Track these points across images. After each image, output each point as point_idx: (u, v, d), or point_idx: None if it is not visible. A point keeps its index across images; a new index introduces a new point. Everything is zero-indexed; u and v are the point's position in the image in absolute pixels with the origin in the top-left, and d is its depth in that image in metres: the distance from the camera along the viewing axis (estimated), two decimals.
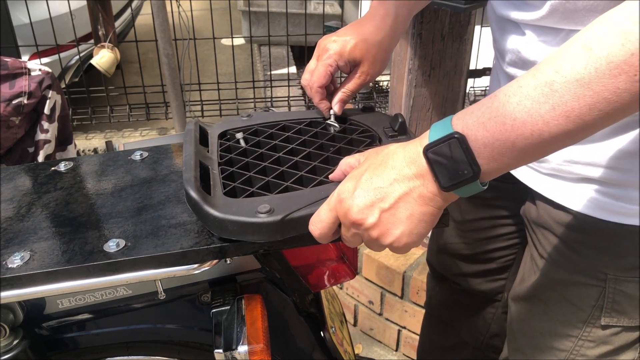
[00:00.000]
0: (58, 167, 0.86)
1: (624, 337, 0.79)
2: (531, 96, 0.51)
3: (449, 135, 0.55)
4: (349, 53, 0.83)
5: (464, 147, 0.55)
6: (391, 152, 0.61)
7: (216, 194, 0.71)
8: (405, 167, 0.59)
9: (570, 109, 0.50)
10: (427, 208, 0.59)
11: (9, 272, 0.64)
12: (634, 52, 0.46)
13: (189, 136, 0.81)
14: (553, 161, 0.75)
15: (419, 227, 0.60)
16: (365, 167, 0.62)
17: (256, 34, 3.54)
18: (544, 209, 0.81)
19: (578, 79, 0.49)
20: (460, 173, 0.55)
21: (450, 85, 1.72)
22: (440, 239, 1.12)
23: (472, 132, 0.55)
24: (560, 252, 0.79)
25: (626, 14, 0.47)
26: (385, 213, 0.60)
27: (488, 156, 0.55)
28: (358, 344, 1.93)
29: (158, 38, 2.48)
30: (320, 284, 0.89)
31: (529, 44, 0.72)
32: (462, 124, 0.56)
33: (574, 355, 0.82)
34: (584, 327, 0.80)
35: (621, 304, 0.77)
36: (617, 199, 0.71)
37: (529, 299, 0.87)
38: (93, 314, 0.83)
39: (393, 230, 0.60)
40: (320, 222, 0.64)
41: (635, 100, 0.48)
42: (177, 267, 0.68)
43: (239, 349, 0.74)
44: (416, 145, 0.59)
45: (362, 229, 0.62)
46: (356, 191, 0.60)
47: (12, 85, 1.47)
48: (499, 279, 1.07)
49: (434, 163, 0.56)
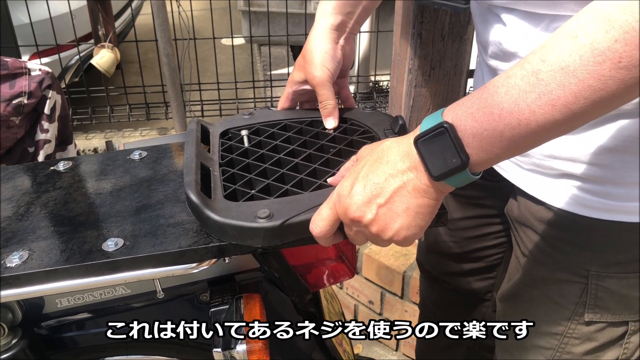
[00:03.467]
0: (57, 166, 0.86)
1: (608, 333, 0.79)
2: (518, 85, 0.51)
3: (437, 125, 0.56)
4: (298, 70, 0.88)
5: (453, 136, 0.55)
6: (386, 147, 0.62)
7: (216, 197, 0.71)
8: (400, 161, 0.59)
9: (556, 98, 0.49)
10: (422, 200, 0.59)
11: (7, 271, 0.64)
12: (618, 39, 0.46)
13: (191, 136, 0.81)
14: (534, 156, 0.75)
15: (417, 220, 0.61)
16: (362, 164, 0.63)
17: (256, 34, 3.54)
18: (525, 205, 0.81)
19: (563, 67, 0.49)
20: (449, 162, 0.56)
21: (450, 85, 1.72)
22: (429, 238, 1.12)
23: (462, 122, 0.55)
24: (541, 250, 0.79)
25: (611, 1, 0.47)
26: (382, 208, 0.60)
27: (477, 146, 0.55)
28: (358, 343, 1.93)
29: (158, 38, 2.48)
30: (319, 283, 0.89)
31: (510, 35, 0.72)
32: (452, 114, 0.56)
33: (559, 352, 0.82)
34: (569, 324, 0.80)
35: (604, 300, 0.77)
36: (597, 195, 0.71)
37: (513, 298, 0.87)
38: (92, 313, 0.83)
39: (391, 225, 0.61)
40: (321, 221, 0.64)
41: (620, 89, 0.48)
42: (175, 266, 0.68)
43: (238, 348, 0.74)
44: (409, 139, 0.59)
45: (362, 226, 0.62)
46: (353, 189, 0.61)
47: (12, 85, 1.47)
48: (488, 277, 1.08)
49: (423, 152, 0.57)
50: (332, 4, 0.85)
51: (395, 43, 1.69)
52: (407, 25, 1.59)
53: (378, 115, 0.88)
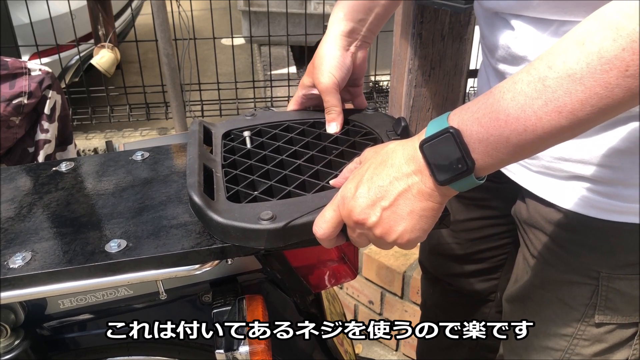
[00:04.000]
0: (59, 167, 0.86)
1: (618, 335, 0.79)
2: (524, 92, 0.51)
3: (443, 130, 0.56)
4: (307, 76, 0.87)
5: (459, 142, 0.55)
6: (390, 150, 0.62)
7: (219, 199, 0.71)
8: (404, 164, 0.59)
9: (563, 105, 0.50)
10: (427, 204, 0.60)
11: (10, 273, 0.64)
12: (625, 47, 0.46)
13: (193, 137, 0.81)
14: (543, 158, 0.75)
15: (420, 223, 0.61)
16: (366, 166, 0.63)
17: (256, 34, 3.54)
18: (534, 207, 0.81)
19: (570, 74, 0.49)
20: (455, 167, 0.56)
21: (450, 85, 1.72)
22: (432, 239, 1.12)
23: (467, 127, 0.55)
24: (551, 252, 0.79)
25: (619, 8, 0.47)
26: (386, 211, 0.60)
27: (483, 151, 0.55)
28: (358, 343, 1.93)
29: (158, 38, 2.48)
30: (321, 284, 0.90)
31: (519, 39, 0.72)
32: (458, 119, 0.56)
33: (569, 354, 0.82)
34: (578, 325, 0.80)
35: (614, 302, 0.77)
36: (608, 196, 0.71)
37: (522, 300, 0.87)
38: (94, 314, 0.83)
39: (395, 228, 0.61)
40: (324, 223, 0.64)
41: (627, 96, 0.48)
42: (178, 268, 0.68)
43: (240, 349, 0.74)
44: (414, 142, 0.59)
45: (366, 228, 0.62)
46: (358, 191, 0.61)
47: (12, 85, 1.47)
48: (492, 278, 1.08)
49: (429, 157, 0.57)
50: (343, 11, 0.84)
51: (395, 43, 1.69)
52: (407, 25, 1.59)
53: (380, 116, 0.88)
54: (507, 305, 0.91)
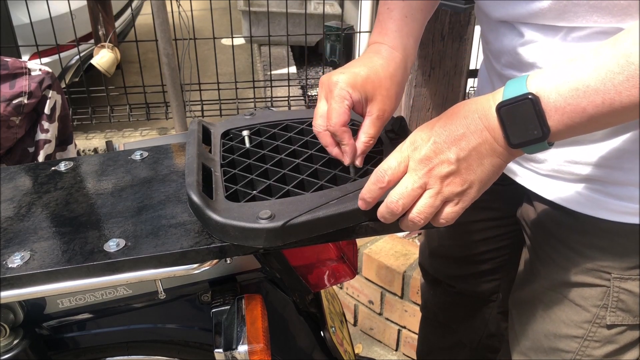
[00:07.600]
0: (58, 167, 0.86)
1: (628, 336, 0.79)
2: (607, 65, 0.52)
3: (523, 96, 0.56)
4: (361, 86, 0.73)
5: (537, 109, 0.56)
6: (462, 104, 0.62)
7: (218, 198, 0.71)
8: (478, 119, 0.59)
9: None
10: (495, 160, 0.60)
11: (9, 272, 0.64)
12: None
13: (192, 137, 0.81)
14: (553, 161, 0.75)
15: (489, 176, 0.61)
16: (437, 119, 0.62)
17: (256, 34, 3.54)
18: (542, 210, 0.80)
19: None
20: (530, 133, 0.57)
21: (450, 85, 1.72)
22: (432, 242, 1.12)
23: (546, 94, 0.55)
24: (561, 254, 0.79)
25: None
26: (460, 160, 0.60)
27: (558, 119, 0.55)
28: (358, 343, 1.93)
29: (158, 38, 2.48)
30: (320, 283, 0.90)
31: (527, 46, 0.71)
32: (537, 85, 0.56)
33: (579, 356, 0.81)
34: (590, 327, 0.79)
35: (626, 303, 0.77)
36: (619, 198, 0.71)
37: (530, 302, 0.86)
38: (93, 314, 0.83)
39: (467, 177, 0.61)
40: (390, 169, 0.62)
41: None
42: (177, 267, 0.68)
43: (239, 348, 0.74)
44: (489, 101, 0.60)
45: (435, 176, 0.60)
46: (432, 137, 0.61)
47: (12, 85, 1.47)
48: (493, 279, 1.07)
49: (505, 121, 0.58)
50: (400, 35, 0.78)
51: None
52: None
53: None
54: (514, 308, 0.91)
